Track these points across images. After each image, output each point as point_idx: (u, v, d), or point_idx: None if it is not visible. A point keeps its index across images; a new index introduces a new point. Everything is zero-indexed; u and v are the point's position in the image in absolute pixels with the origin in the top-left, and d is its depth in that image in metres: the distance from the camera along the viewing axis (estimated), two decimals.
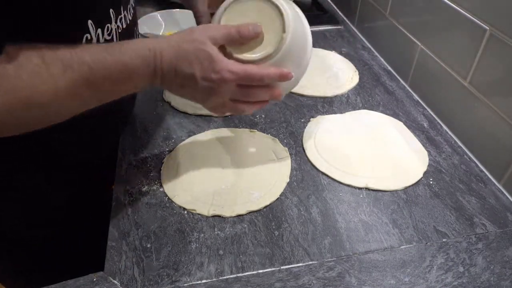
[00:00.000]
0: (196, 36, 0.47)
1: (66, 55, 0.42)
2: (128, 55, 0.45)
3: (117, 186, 0.61)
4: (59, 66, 0.41)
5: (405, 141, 0.70)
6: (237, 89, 0.50)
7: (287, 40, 0.50)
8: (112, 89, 0.46)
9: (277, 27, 0.51)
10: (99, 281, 0.48)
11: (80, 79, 0.42)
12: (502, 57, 0.60)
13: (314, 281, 0.48)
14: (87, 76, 0.43)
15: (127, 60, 0.45)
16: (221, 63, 0.47)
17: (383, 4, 0.93)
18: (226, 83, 0.48)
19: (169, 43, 0.47)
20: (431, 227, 0.55)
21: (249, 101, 0.53)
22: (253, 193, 0.59)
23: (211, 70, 0.47)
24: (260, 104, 0.54)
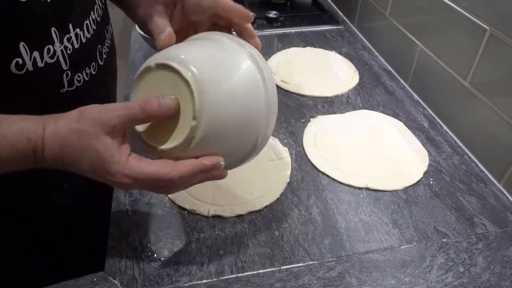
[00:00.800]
0: (85, 126, 0.37)
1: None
2: (5, 150, 0.36)
3: None
4: None
5: (405, 141, 0.70)
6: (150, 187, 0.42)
7: (198, 130, 0.37)
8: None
9: (189, 109, 0.37)
10: (99, 281, 0.48)
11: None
12: (502, 57, 0.60)
13: (314, 281, 0.48)
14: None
15: (3, 155, 0.37)
16: (114, 165, 0.38)
17: (383, 4, 0.93)
18: (125, 187, 0.42)
19: (53, 133, 0.37)
20: (431, 227, 0.55)
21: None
22: (253, 193, 0.59)
23: (103, 171, 0.38)
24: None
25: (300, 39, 1.03)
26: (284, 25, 1.09)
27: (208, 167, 0.40)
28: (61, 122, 0.38)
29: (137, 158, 0.41)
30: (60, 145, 0.37)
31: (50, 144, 0.37)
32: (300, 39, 1.03)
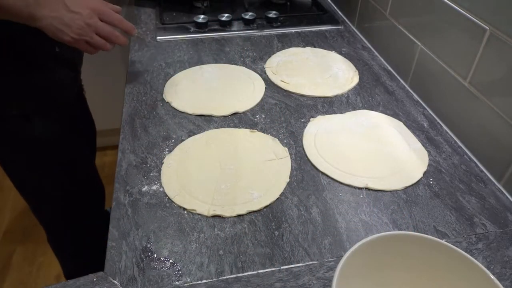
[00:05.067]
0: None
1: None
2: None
3: (117, 186, 0.61)
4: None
5: (405, 141, 0.70)
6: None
7: None
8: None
9: None
10: (99, 281, 0.48)
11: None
12: (502, 57, 0.60)
13: (314, 281, 0.48)
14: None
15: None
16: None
17: (383, 4, 0.93)
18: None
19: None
20: (431, 227, 0.55)
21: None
22: (253, 193, 0.59)
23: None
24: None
25: (300, 39, 1.03)
26: (284, 25, 1.09)
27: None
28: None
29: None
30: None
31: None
32: (300, 39, 1.03)
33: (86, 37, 0.68)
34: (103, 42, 0.70)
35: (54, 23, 0.64)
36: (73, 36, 0.66)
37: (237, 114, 0.76)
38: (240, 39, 1.02)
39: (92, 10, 0.67)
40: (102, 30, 0.69)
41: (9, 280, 1.35)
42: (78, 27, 0.66)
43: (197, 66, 0.90)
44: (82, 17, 0.66)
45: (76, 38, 0.67)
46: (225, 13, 1.08)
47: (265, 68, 0.90)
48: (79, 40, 0.67)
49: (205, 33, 1.04)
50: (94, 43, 0.69)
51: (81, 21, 0.66)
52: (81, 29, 0.66)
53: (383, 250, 0.42)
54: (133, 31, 0.75)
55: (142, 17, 1.11)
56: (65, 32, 0.66)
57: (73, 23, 0.65)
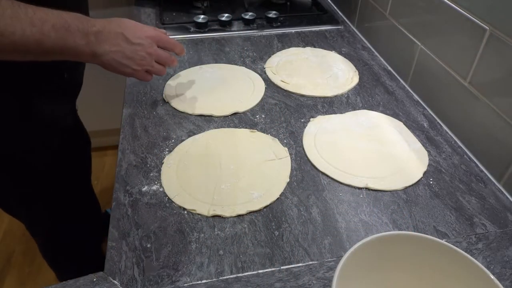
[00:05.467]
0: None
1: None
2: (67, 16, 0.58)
3: (117, 186, 0.61)
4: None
5: (405, 141, 0.70)
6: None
7: None
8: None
9: None
10: (99, 281, 0.48)
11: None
12: (502, 57, 0.60)
13: (314, 281, 0.48)
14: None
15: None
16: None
17: (383, 4, 0.93)
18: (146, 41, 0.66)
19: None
20: (431, 227, 0.55)
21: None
22: (253, 193, 0.59)
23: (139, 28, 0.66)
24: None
25: (300, 39, 1.03)
26: (284, 25, 1.09)
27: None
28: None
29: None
30: (106, 20, 0.63)
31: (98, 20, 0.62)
32: (300, 39, 1.03)
33: (147, 67, 0.68)
34: (162, 68, 0.70)
35: (116, 58, 0.63)
36: (136, 67, 0.66)
37: (237, 114, 0.76)
38: (240, 39, 1.02)
39: (152, 39, 0.67)
40: (162, 56, 0.69)
41: (9, 280, 1.35)
42: (140, 58, 0.65)
43: (197, 66, 0.90)
44: (144, 48, 0.66)
45: (138, 69, 0.66)
46: (225, 13, 1.08)
47: (265, 68, 0.90)
48: (140, 71, 0.67)
49: (205, 33, 1.04)
50: (154, 71, 0.69)
51: (143, 52, 0.66)
52: (143, 59, 0.66)
53: (383, 250, 0.42)
54: (183, 52, 0.74)
55: (142, 17, 1.11)
56: (128, 65, 0.65)
57: (135, 55, 0.65)
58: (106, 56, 0.62)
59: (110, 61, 0.63)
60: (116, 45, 0.63)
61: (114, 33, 0.62)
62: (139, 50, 0.65)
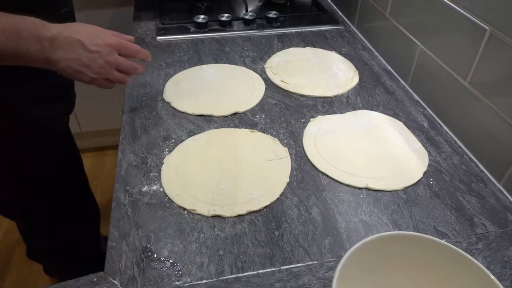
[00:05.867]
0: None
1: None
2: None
3: (117, 186, 0.61)
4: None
5: (405, 141, 0.70)
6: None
7: None
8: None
9: None
10: (99, 281, 0.48)
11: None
12: (502, 57, 0.60)
13: (314, 281, 0.48)
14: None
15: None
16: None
17: (383, 4, 0.93)
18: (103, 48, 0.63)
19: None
20: (431, 227, 0.55)
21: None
22: (253, 193, 0.59)
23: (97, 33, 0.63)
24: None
25: (300, 39, 1.03)
26: (284, 25, 1.09)
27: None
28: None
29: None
30: (63, 25, 0.60)
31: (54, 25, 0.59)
32: (300, 39, 1.03)
33: (106, 75, 0.65)
34: (123, 76, 0.68)
35: (72, 65, 0.61)
36: (93, 76, 0.63)
37: (237, 114, 0.76)
38: (240, 39, 1.02)
39: (111, 47, 0.64)
40: (123, 65, 0.66)
41: (9, 280, 1.35)
42: (98, 66, 0.63)
43: (197, 66, 0.90)
44: (102, 56, 0.63)
45: (95, 77, 0.64)
46: (225, 13, 1.08)
47: (265, 68, 0.90)
48: (98, 79, 0.65)
49: (205, 33, 1.04)
50: (114, 79, 0.67)
51: (101, 60, 0.63)
52: (101, 67, 0.63)
53: (383, 250, 0.42)
54: (148, 58, 0.71)
55: (142, 17, 1.11)
56: (85, 73, 0.62)
57: (93, 63, 0.62)
58: (62, 63, 0.60)
59: (66, 68, 0.61)
60: (72, 52, 0.60)
61: (70, 40, 0.60)
62: (96, 58, 0.62)
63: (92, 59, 0.62)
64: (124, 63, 0.66)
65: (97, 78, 0.64)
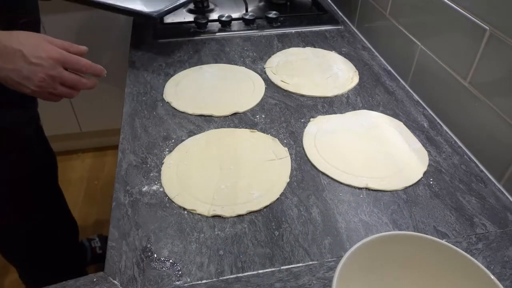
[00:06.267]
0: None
1: None
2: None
3: (117, 186, 0.61)
4: None
5: (405, 141, 0.70)
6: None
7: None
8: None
9: None
10: (99, 281, 0.48)
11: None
12: (502, 57, 0.60)
13: (314, 281, 0.48)
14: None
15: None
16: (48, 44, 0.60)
17: (383, 4, 0.93)
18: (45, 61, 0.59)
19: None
20: (431, 227, 0.55)
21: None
22: (253, 193, 0.59)
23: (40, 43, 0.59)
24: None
25: (300, 39, 1.03)
26: (284, 25, 1.09)
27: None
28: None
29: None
30: (6, 32, 0.57)
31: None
32: (300, 39, 1.03)
33: (49, 89, 0.61)
34: (68, 91, 0.63)
35: (11, 76, 0.58)
36: (34, 89, 0.60)
37: (237, 114, 0.76)
38: (240, 39, 1.02)
39: (55, 60, 0.60)
40: (67, 80, 0.62)
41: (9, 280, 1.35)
42: (39, 80, 0.59)
43: (197, 66, 0.90)
44: (44, 69, 0.59)
45: (37, 90, 0.60)
46: (225, 13, 1.08)
47: (265, 68, 0.90)
48: (40, 92, 0.61)
49: (205, 33, 1.04)
50: (58, 93, 0.63)
51: (43, 74, 0.59)
52: (43, 81, 0.59)
53: (383, 250, 0.42)
54: (102, 73, 0.66)
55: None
56: (25, 86, 0.59)
57: (34, 76, 0.58)
58: (1, 73, 0.57)
59: (5, 78, 0.58)
60: (12, 62, 0.57)
61: (11, 49, 0.57)
62: (38, 72, 0.59)
63: (33, 71, 0.58)
64: (69, 78, 0.62)
65: (39, 91, 0.61)
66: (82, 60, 0.63)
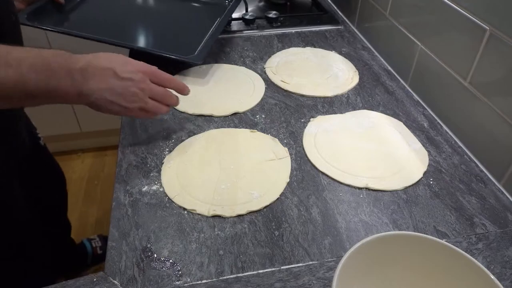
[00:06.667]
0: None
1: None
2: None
3: (117, 186, 0.61)
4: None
5: (405, 141, 0.70)
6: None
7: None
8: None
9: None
10: (99, 281, 0.48)
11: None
12: (502, 57, 0.60)
13: (314, 281, 0.48)
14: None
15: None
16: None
17: (383, 4, 0.93)
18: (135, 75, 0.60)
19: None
20: (431, 227, 0.55)
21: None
22: (253, 193, 0.59)
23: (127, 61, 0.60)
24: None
25: (300, 39, 1.03)
26: (284, 25, 1.09)
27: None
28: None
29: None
30: (91, 55, 0.58)
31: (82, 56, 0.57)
32: (300, 39, 1.03)
33: (140, 103, 0.60)
34: (158, 105, 0.63)
35: (105, 95, 0.57)
36: (126, 105, 0.59)
37: (237, 114, 0.76)
38: (240, 39, 1.02)
39: (144, 73, 0.60)
40: (156, 93, 0.62)
41: None
42: (131, 95, 0.59)
43: (197, 66, 0.90)
44: (135, 83, 0.59)
45: (129, 107, 0.60)
46: None
47: (265, 68, 0.90)
48: (132, 109, 0.60)
49: None
50: (149, 108, 0.62)
51: (134, 88, 0.59)
52: (134, 95, 0.59)
53: (383, 250, 0.42)
54: (186, 90, 0.67)
55: None
56: (117, 103, 0.59)
57: (126, 91, 0.58)
58: (94, 95, 0.57)
59: (98, 100, 0.57)
60: (105, 82, 0.57)
61: (101, 69, 0.57)
62: (129, 86, 0.59)
63: (125, 87, 0.58)
64: (158, 91, 0.62)
65: (131, 108, 0.60)
66: (166, 74, 0.64)
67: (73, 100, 0.56)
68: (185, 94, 0.67)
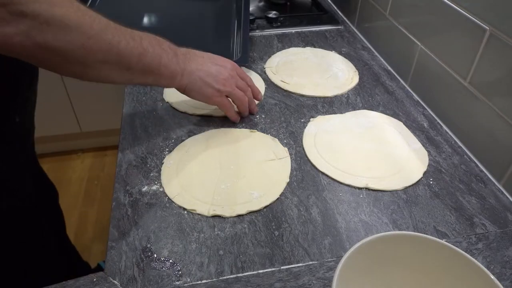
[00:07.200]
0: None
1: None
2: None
3: (117, 186, 0.61)
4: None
5: (405, 141, 0.70)
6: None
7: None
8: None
9: None
10: (99, 281, 0.48)
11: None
12: (502, 57, 0.60)
13: (314, 281, 0.48)
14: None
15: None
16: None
17: (383, 4, 0.93)
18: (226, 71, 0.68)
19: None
20: (431, 227, 0.55)
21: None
22: (253, 193, 0.59)
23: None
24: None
25: (300, 39, 1.03)
26: (284, 25, 1.09)
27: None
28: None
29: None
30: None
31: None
32: (300, 39, 1.03)
33: (229, 88, 0.68)
34: (242, 94, 0.70)
35: (201, 75, 0.65)
36: (219, 87, 0.66)
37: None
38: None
39: (232, 65, 0.69)
40: (241, 84, 0.70)
41: None
42: (224, 78, 0.67)
43: None
44: (227, 70, 0.68)
45: (221, 89, 0.66)
46: None
47: (265, 68, 0.90)
48: (222, 92, 0.67)
49: None
50: (235, 94, 0.69)
51: (227, 73, 0.67)
52: (226, 80, 0.67)
53: (383, 250, 0.42)
54: (259, 96, 0.76)
55: None
56: (210, 85, 0.66)
57: (219, 74, 0.66)
58: (193, 75, 0.64)
59: (196, 80, 0.64)
60: (202, 64, 0.65)
61: (198, 56, 0.66)
62: (223, 71, 0.67)
63: (219, 71, 0.67)
64: (242, 82, 0.71)
65: (222, 91, 0.67)
66: (247, 74, 0.74)
67: (176, 78, 0.63)
68: (258, 99, 0.76)
